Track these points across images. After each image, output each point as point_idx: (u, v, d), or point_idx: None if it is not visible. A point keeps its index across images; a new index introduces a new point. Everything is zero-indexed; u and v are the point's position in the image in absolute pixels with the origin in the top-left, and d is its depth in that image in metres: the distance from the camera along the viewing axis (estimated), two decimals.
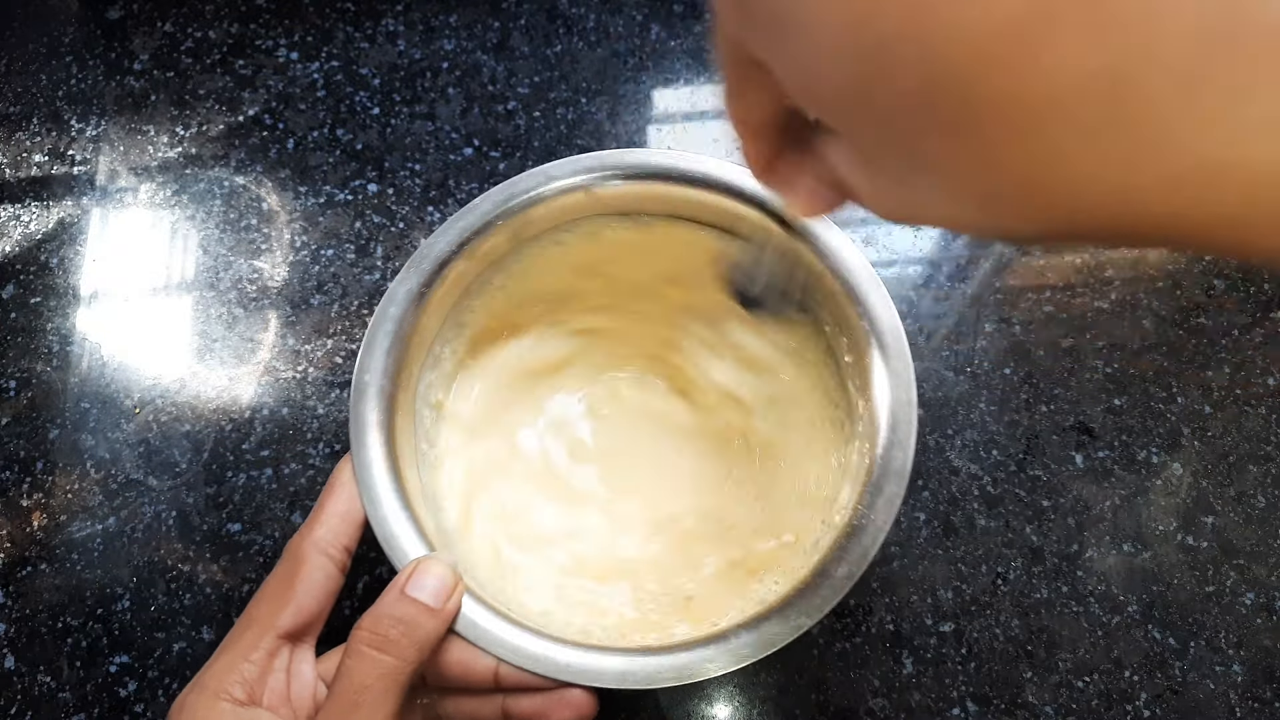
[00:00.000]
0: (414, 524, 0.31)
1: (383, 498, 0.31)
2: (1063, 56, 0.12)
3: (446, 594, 0.29)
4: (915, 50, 0.13)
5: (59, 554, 0.39)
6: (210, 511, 0.40)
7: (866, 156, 0.17)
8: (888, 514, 0.30)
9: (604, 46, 0.48)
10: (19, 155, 0.47)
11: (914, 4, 0.13)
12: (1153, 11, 0.11)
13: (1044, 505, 0.39)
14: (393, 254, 0.44)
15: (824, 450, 0.36)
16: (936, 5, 0.13)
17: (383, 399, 0.33)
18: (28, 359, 0.43)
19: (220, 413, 0.42)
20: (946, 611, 0.38)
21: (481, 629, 0.30)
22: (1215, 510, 0.39)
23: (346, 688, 0.26)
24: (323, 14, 0.49)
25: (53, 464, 0.41)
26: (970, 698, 0.36)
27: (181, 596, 0.38)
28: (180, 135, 0.47)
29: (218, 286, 0.44)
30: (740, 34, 0.17)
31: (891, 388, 0.32)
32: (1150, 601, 0.37)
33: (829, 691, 0.36)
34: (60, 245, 0.45)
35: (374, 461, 0.32)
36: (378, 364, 0.33)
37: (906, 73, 0.13)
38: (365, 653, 0.27)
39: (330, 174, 0.46)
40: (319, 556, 0.30)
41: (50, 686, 0.37)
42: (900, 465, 0.31)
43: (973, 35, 0.13)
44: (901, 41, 0.13)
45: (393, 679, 0.26)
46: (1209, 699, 0.36)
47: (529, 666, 0.29)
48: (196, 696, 0.27)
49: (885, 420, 0.32)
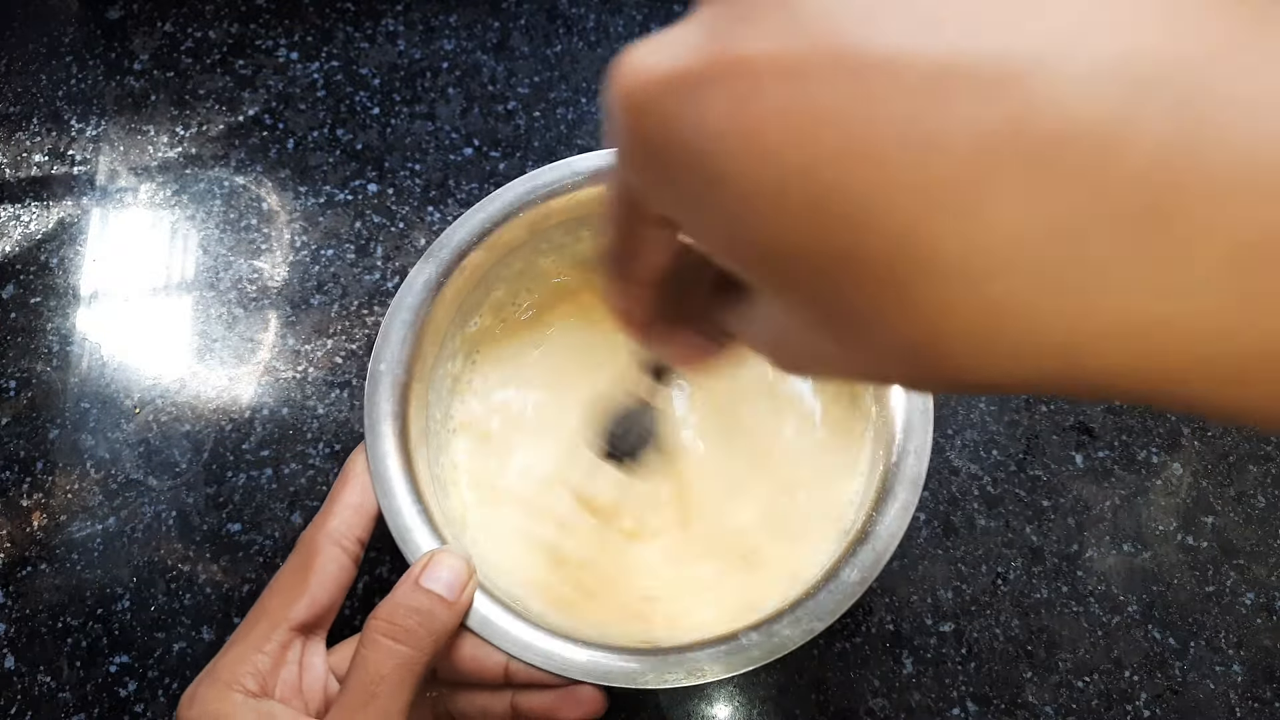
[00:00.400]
0: (426, 516, 0.31)
1: (396, 489, 0.31)
2: (1008, 212, 0.11)
3: (461, 586, 0.29)
4: (850, 206, 0.12)
5: (59, 554, 0.39)
6: (210, 511, 0.40)
7: (783, 312, 0.16)
8: (901, 521, 0.30)
9: (604, 46, 0.48)
10: (19, 155, 0.47)
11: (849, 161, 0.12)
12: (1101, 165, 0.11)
13: (1044, 505, 0.39)
14: (393, 254, 0.44)
15: (837, 454, 0.36)
16: (874, 160, 0.12)
17: (397, 389, 0.33)
18: (28, 359, 0.43)
19: (220, 413, 0.42)
20: (946, 611, 0.38)
21: (494, 625, 0.30)
22: (1215, 510, 0.39)
23: (362, 678, 0.26)
24: (323, 14, 0.49)
25: (53, 464, 0.41)
26: (970, 698, 0.36)
27: (181, 596, 0.38)
28: (180, 135, 0.47)
29: (218, 286, 0.44)
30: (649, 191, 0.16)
31: (907, 394, 0.32)
32: (1150, 601, 0.37)
33: (829, 691, 0.36)
34: (60, 245, 0.45)
35: (388, 453, 0.32)
36: (393, 354, 0.33)
37: (840, 228, 0.13)
38: (381, 642, 0.27)
39: (330, 174, 0.46)
40: (332, 548, 0.30)
41: (50, 686, 0.37)
42: (915, 473, 0.31)
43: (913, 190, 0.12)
44: (836, 199, 0.12)
45: (409, 669, 0.27)
46: (1209, 699, 0.36)
47: (540, 664, 0.29)
48: (209, 687, 0.27)
49: (900, 425, 0.32)
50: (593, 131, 0.47)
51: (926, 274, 0.12)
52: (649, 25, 0.49)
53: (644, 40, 0.14)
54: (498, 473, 0.37)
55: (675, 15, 0.49)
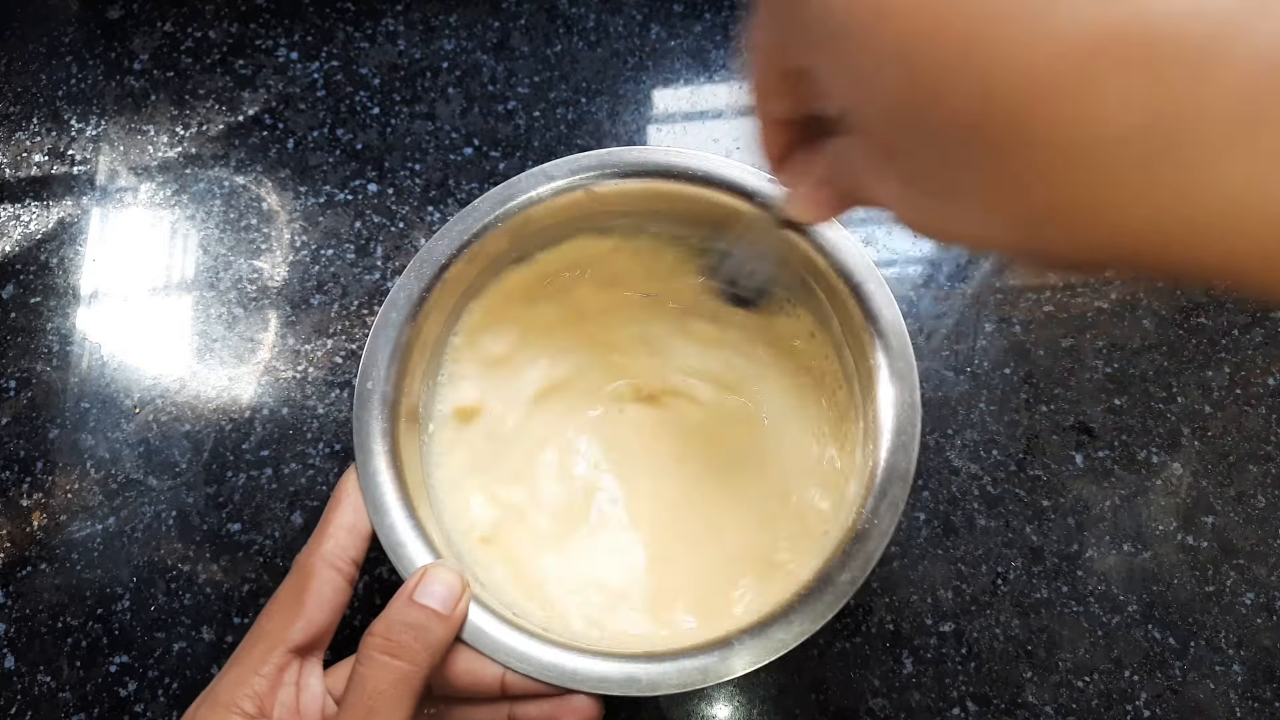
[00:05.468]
0: (420, 531, 0.31)
1: (389, 506, 0.31)
2: (1117, 94, 0.13)
3: (455, 599, 0.29)
4: (970, 72, 0.14)
5: (59, 554, 0.39)
6: (210, 511, 0.40)
7: (907, 170, 0.17)
8: (891, 518, 0.30)
9: (604, 46, 0.48)
10: (19, 155, 0.47)
11: (973, 29, 0.13)
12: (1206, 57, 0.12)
13: (1044, 505, 0.39)
14: (393, 254, 0.44)
15: (826, 453, 0.36)
16: (996, 33, 0.13)
17: (386, 406, 0.33)
18: (28, 359, 0.43)
19: (220, 413, 0.42)
20: (946, 611, 0.37)
21: (489, 637, 0.30)
22: (1215, 510, 0.39)
23: (360, 695, 0.26)
24: (323, 14, 0.49)
25: (53, 464, 0.41)
26: (970, 698, 0.36)
27: (181, 596, 0.38)
28: (180, 135, 0.47)
29: (218, 286, 0.44)
30: (787, 40, 0.18)
31: (895, 390, 0.32)
32: (1150, 601, 0.37)
33: (829, 691, 0.36)
34: (60, 245, 0.45)
35: (379, 470, 0.32)
36: (380, 371, 0.33)
37: (959, 93, 0.14)
38: (378, 659, 0.27)
39: (330, 174, 0.46)
40: (327, 570, 0.30)
41: (50, 686, 0.37)
42: (904, 469, 0.31)
43: (1029, 66, 0.13)
44: (957, 63, 0.14)
45: (407, 684, 0.27)
46: (1209, 699, 0.36)
47: (536, 674, 0.29)
48: (208, 710, 0.27)
49: (889, 423, 0.31)
50: (592, 131, 0.47)
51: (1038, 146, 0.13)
52: (649, 25, 0.49)
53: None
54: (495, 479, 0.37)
55: (675, 15, 0.49)
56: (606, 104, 0.47)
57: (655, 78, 0.48)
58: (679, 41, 0.48)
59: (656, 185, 0.35)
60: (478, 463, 0.37)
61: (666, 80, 0.48)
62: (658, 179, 0.35)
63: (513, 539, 0.36)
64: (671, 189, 0.35)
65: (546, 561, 0.35)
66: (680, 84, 0.48)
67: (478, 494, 0.36)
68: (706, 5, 0.49)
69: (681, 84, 0.48)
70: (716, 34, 0.48)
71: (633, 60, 0.48)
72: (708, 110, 0.47)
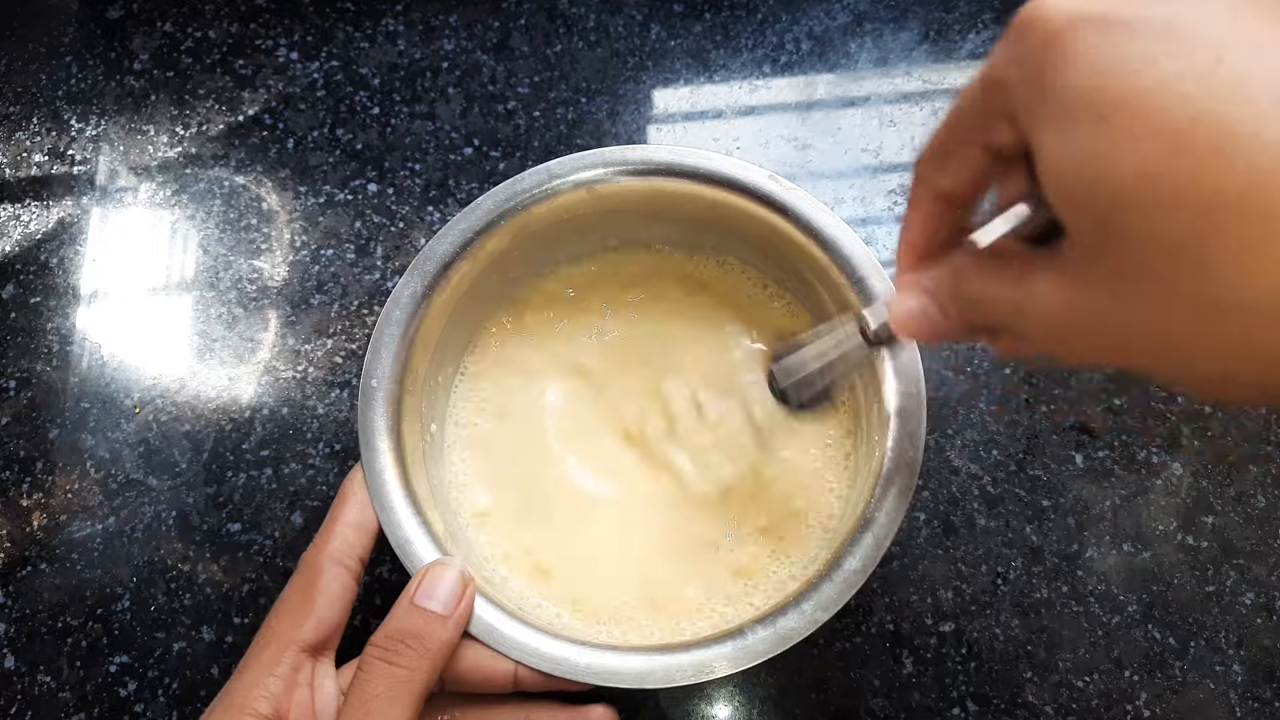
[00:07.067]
0: (426, 528, 0.31)
1: (395, 503, 0.31)
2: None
3: (457, 598, 0.29)
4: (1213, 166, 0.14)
5: (59, 554, 0.39)
6: (210, 511, 0.40)
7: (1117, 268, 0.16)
8: (899, 507, 0.30)
9: (604, 46, 0.48)
10: (19, 155, 0.47)
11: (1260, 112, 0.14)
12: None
13: (1044, 505, 0.39)
14: (393, 254, 0.44)
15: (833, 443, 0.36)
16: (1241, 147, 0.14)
17: (390, 404, 0.33)
18: (28, 359, 0.43)
19: (220, 412, 0.42)
20: (946, 611, 0.38)
21: (498, 632, 0.30)
22: (1215, 510, 0.39)
23: (356, 698, 0.27)
24: (323, 14, 0.49)
25: (53, 464, 0.41)
26: (970, 698, 0.36)
27: (181, 596, 0.38)
28: (180, 135, 0.47)
29: (218, 286, 0.44)
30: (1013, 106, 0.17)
31: (899, 380, 0.32)
32: (1150, 601, 0.37)
33: (829, 691, 0.36)
34: (60, 245, 0.45)
35: (385, 467, 0.32)
36: (384, 369, 0.33)
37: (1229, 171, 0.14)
38: (377, 665, 0.27)
39: (330, 174, 0.46)
40: (335, 568, 0.30)
41: (50, 686, 0.37)
42: (910, 458, 0.31)
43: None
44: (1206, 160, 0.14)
45: (405, 687, 0.27)
46: (1209, 699, 0.36)
47: (546, 668, 0.29)
48: (223, 713, 0.27)
49: (895, 412, 0.32)
50: (592, 131, 0.47)
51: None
52: (649, 25, 0.49)
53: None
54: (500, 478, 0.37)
55: (675, 15, 0.49)
56: (606, 104, 0.47)
57: (655, 78, 0.48)
58: (679, 41, 0.48)
59: (659, 184, 0.35)
60: (482, 460, 0.37)
61: (666, 80, 0.48)
62: (661, 177, 0.35)
63: (519, 536, 0.36)
64: (674, 187, 0.35)
65: (554, 557, 0.35)
66: (680, 84, 0.48)
67: (482, 491, 0.36)
68: (706, 5, 0.49)
69: (681, 84, 0.48)
70: (716, 34, 0.48)
71: (633, 60, 0.48)
72: (708, 110, 0.47)
